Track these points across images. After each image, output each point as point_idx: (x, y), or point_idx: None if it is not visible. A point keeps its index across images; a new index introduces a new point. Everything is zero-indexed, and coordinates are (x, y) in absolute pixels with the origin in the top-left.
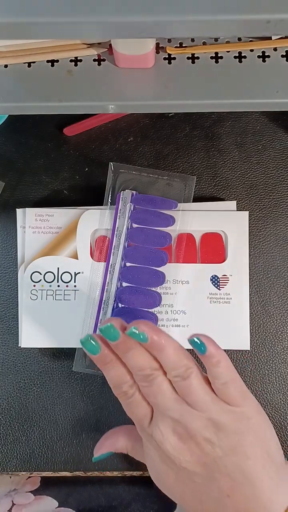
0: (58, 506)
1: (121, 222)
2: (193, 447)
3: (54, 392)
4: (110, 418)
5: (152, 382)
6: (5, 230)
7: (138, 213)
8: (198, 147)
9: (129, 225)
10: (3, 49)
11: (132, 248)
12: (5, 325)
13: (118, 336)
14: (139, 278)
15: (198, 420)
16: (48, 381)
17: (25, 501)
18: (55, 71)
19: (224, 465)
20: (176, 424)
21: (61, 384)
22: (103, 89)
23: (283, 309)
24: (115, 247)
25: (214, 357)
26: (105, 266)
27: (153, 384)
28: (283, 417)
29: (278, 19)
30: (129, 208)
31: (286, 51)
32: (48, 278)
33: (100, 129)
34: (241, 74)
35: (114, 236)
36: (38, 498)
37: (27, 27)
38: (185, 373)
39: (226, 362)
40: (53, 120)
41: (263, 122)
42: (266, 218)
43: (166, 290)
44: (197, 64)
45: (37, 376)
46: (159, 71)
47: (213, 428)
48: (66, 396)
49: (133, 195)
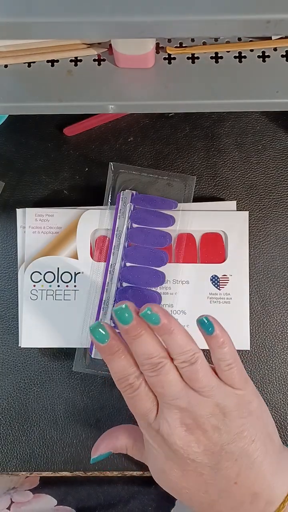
0: (57, 504)
1: (121, 222)
2: (200, 437)
3: (54, 392)
4: (110, 418)
5: (160, 371)
6: (5, 230)
7: (138, 213)
8: (198, 147)
9: (129, 225)
10: (3, 49)
11: (132, 248)
12: (5, 325)
13: (131, 318)
14: (139, 278)
15: (206, 406)
16: (48, 381)
17: (24, 499)
18: (55, 71)
19: (231, 451)
20: (184, 413)
21: (61, 384)
22: (103, 89)
23: (283, 309)
24: (115, 247)
25: (221, 337)
26: (105, 266)
27: (161, 373)
28: (283, 417)
29: (278, 19)
30: (129, 208)
31: (286, 51)
32: (48, 278)
33: (100, 129)
34: (241, 74)
35: (114, 236)
36: (37, 496)
37: (27, 27)
38: (192, 358)
39: (230, 344)
40: (53, 120)
41: (263, 122)
42: (266, 218)
43: (166, 290)
44: (197, 64)
45: (37, 376)
46: (159, 71)
47: (220, 414)
48: (66, 396)
49: (133, 195)
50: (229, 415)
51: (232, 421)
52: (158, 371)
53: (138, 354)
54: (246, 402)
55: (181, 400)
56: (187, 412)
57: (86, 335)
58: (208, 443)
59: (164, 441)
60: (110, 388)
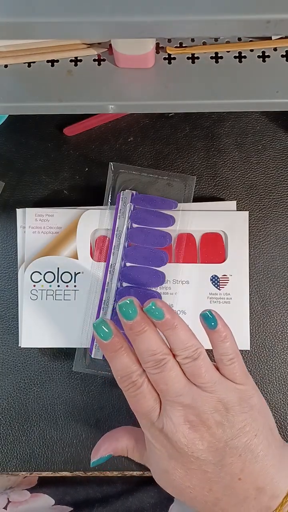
0: (54, 504)
1: (121, 222)
2: (205, 435)
3: (54, 392)
4: (110, 418)
5: (163, 368)
6: (5, 230)
7: (138, 213)
8: (198, 147)
9: (129, 225)
10: (3, 49)
11: (132, 248)
12: (5, 325)
13: (136, 313)
14: (139, 278)
15: (210, 402)
16: (48, 381)
17: (21, 499)
18: (55, 71)
19: (235, 447)
20: (187, 410)
21: (61, 384)
22: (103, 89)
23: (283, 309)
24: (115, 247)
25: (223, 332)
26: (105, 266)
27: (165, 369)
28: (283, 417)
29: (278, 19)
30: (129, 208)
31: (286, 51)
32: (48, 278)
33: (100, 129)
34: (241, 74)
35: (114, 236)
36: (34, 496)
37: (27, 27)
38: (195, 353)
39: (232, 338)
40: (53, 120)
41: (263, 122)
42: (266, 218)
43: (166, 290)
44: (197, 64)
45: (37, 376)
46: (159, 71)
47: (223, 410)
48: (66, 396)
49: (133, 195)
50: (231, 410)
51: (235, 416)
52: (161, 368)
53: (141, 350)
54: (248, 396)
55: (185, 396)
56: (191, 408)
57: (86, 335)
58: (212, 440)
59: (167, 439)
60: (110, 388)
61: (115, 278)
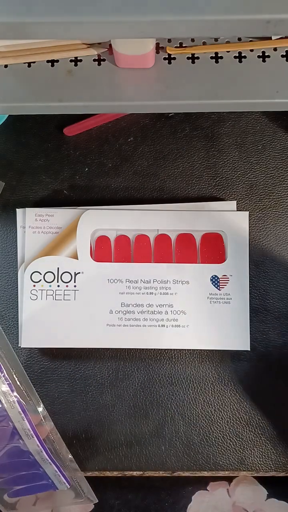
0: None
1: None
2: None
3: (54, 392)
4: (110, 418)
5: None
6: (5, 230)
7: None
8: (198, 147)
9: None
10: (3, 49)
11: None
12: (5, 325)
13: None
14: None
15: None
16: (48, 381)
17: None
18: (55, 71)
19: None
20: None
21: (61, 384)
22: (103, 89)
23: (283, 309)
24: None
25: None
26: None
27: None
28: (283, 417)
29: (278, 19)
30: None
31: (286, 51)
32: (48, 278)
33: (100, 129)
34: (241, 74)
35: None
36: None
37: (27, 27)
38: None
39: None
40: (53, 120)
41: (263, 122)
42: (266, 218)
43: (166, 290)
44: (197, 64)
45: (37, 376)
46: (159, 71)
47: None
48: (66, 396)
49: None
50: None
51: None
52: None
53: None
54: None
55: None
56: None
57: (86, 335)
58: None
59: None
60: (110, 388)
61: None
